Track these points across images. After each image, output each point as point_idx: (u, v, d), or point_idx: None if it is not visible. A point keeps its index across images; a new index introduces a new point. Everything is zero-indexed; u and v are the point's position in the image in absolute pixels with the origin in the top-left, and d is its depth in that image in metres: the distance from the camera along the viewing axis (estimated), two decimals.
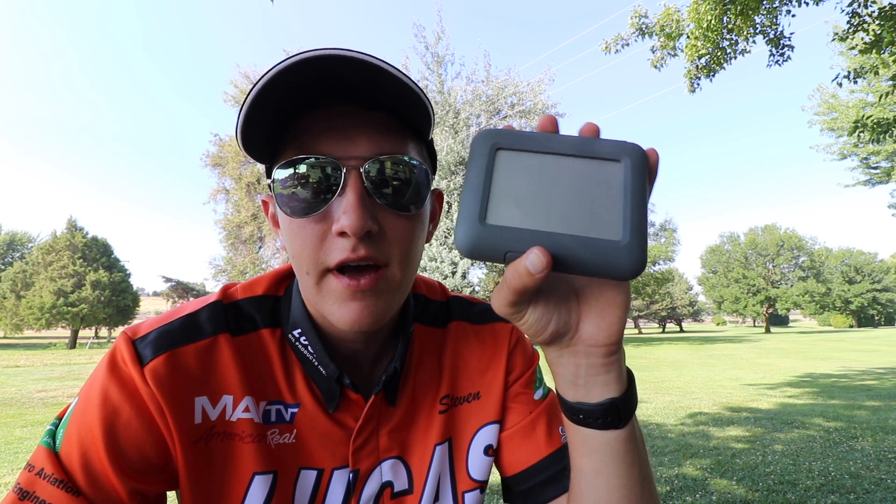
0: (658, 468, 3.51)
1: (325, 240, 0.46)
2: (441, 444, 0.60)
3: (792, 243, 47.03)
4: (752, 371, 10.67)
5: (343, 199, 0.45)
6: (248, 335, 0.54)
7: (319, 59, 0.41)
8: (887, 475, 3.27)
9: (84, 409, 0.47)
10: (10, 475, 3.67)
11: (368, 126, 0.47)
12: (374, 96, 0.46)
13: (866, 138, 6.54)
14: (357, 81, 0.44)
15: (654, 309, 55.53)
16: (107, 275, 25.71)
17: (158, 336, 0.49)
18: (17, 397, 7.34)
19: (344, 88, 0.45)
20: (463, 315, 0.66)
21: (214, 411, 0.50)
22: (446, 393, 0.61)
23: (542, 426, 0.62)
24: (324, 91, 0.45)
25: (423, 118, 0.49)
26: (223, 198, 32.26)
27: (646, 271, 21.62)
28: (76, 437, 0.46)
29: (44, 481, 0.44)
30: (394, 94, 0.45)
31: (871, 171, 20.28)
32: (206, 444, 0.49)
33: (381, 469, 0.56)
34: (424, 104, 0.47)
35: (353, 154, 0.46)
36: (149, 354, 0.48)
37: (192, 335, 0.51)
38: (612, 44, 6.82)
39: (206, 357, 0.51)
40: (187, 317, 0.52)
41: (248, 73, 28.23)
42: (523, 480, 0.61)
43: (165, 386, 0.47)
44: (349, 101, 0.47)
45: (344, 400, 0.55)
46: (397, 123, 0.49)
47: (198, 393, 0.49)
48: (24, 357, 15.92)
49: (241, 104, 0.44)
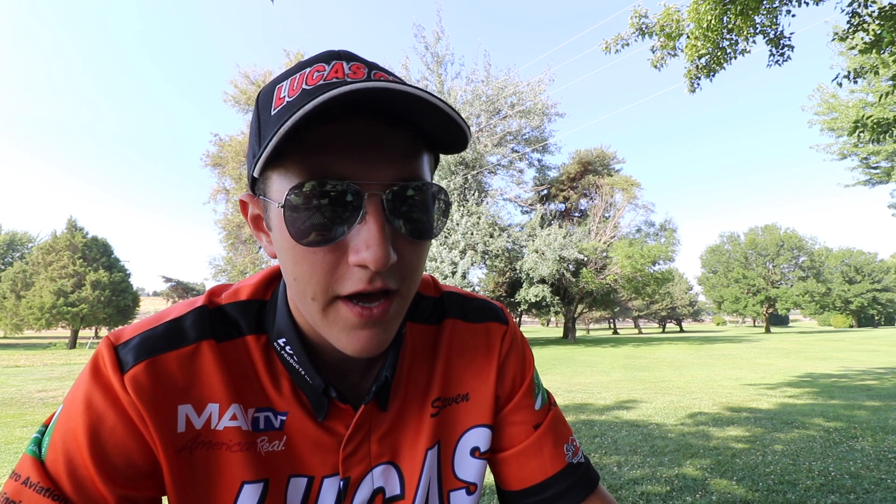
0: (658, 468, 3.51)
1: (338, 268, 0.42)
2: (431, 448, 0.59)
3: (792, 243, 47.02)
4: (752, 371, 10.67)
5: (364, 228, 0.41)
6: (232, 341, 0.52)
7: (362, 91, 0.37)
8: (887, 475, 3.27)
9: (68, 416, 0.46)
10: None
11: (391, 146, 0.42)
12: (399, 111, 0.41)
13: (866, 138, 6.54)
14: (378, 98, 0.39)
15: (654, 309, 55.51)
16: (107, 275, 25.72)
17: (140, 342, 0.48)
18: (17, 397, 7.34)
19: (366, 101, 0.39)
20: (457, 312, 0.64)
21: (199, 420, 0.49)
22: (438, 395, 0.60)
23: (548, 445, 0.62)
24: (344, 103, 0.39)
25: (458, 142, 0.45)
26: (223, 198, 32.28)
27: (646, 271, 21.50)
28: (61, 445, 0.45)
29: (30, 490, 0.43)
30: (419, 108, 0.40)
31: (871, 171, 20.29)
32: (191, 454, 0.48)
33: (373, 475, 0.56)
34: (463, 130, 0.43)
35: (374, 179, 0.41)
36: (130, 361, 0.47)
37: (174, 341, 0.49)
38: (612, 44, 6.82)
39: (190, 364, 0.49)
40: (171, 322, 0.51)
41: (248, 73, 28.23)
42: (525, 497, 0.61)
43: (146, 394, 0.46)
44: (370, 114, 0.41)
45: (333, 408, 0.54)
46: (417, 142, 0.45)
47: (181, 401, 0.48)
48: (24, 357, 15.91)
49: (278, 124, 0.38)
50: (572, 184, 30.83)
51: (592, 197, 30.12)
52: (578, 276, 25.06)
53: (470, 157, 23.20)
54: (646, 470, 3.49)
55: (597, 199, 28.99)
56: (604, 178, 29.41)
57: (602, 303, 30.82)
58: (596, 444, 4.22)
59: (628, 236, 28.27)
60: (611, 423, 5.05)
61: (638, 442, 4.25)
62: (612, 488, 3.15)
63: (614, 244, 25.85)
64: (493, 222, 22.67)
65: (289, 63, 28.42)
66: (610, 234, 26.58)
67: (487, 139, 23.90)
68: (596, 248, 25.00)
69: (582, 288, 25.74)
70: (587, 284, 25.14)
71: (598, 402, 6.55)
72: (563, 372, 11.16)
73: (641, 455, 3.85)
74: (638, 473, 3.42)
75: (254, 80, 28.02)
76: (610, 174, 30.75)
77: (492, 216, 22.64)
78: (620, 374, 10.59)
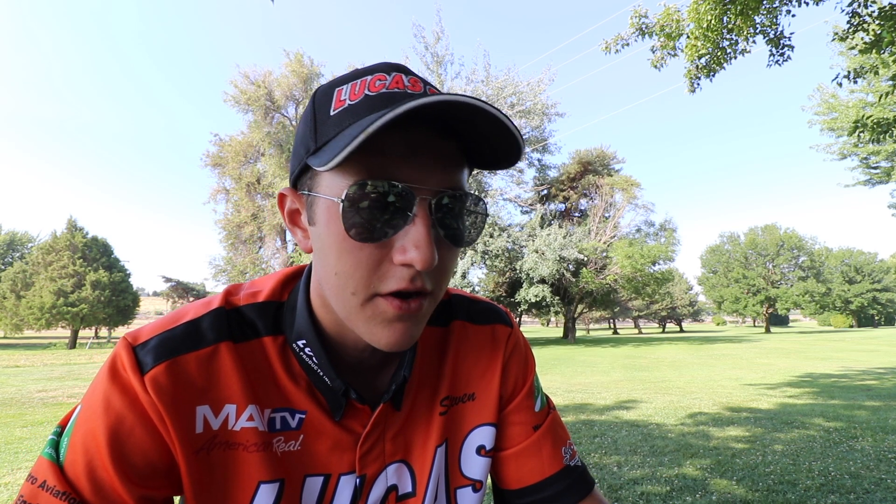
0: (658, 468, 3.51)
1: (382, 265, 0.44)
2: (440, 445, 0.60)
3: (792, 243, 47.02)
4: (752, 371, 10.68)
5: (412, 229, 0.43)
6: (249, 342, 0.53)
7: (432, 105, 0.40)
8: (887, 475, 3.27)
9: (87, 418, 0.47)
10: (10, 475, 3.67)
11: (443, 156, 0.46)
12: (451, 125, 0.45)
13: (866, 138, 6.54)
14: (442, 111, 0.42)
15: (654, 309, 55.48)
16: (107, 275, 25.70)
17: (159, 343, 0.49)
18: (17, 397, 7.34)
19: (426, 113, 0.42)
20: (464, 314, 0.66)
21: (216, 420, 0.50)
22: (446, 395, 0.62)
23: (547, 446, 0.65)
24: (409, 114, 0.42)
25: (510, 158, 0.47)
26: (223, 198, 32.29)
27: (646, 271, 21.48)
28: (80, 447, 0.46)
29: (47, 494, 0.44)
30: (470, 123, 0.43)
31: (871, 171, 20.28)
32: (208, 454, 0.49)
33: (387, 473, 0.57)
34: (518, 143, 0.45)
35: (426, 185, 0.44)
36: (149, 362, 0.48)
37: (193, 343, 0.50)
38: (612, 44, 6.82)
39: (208, 366, 0.50)
40: (189, 324, 0.51)
41: (248, 73, 28.22)
42: (523, 496, 0.64)
43: (166, 395, 0.47)
44: (427, 125, 0.45)
45: (350, 408, 0.55)
46: (462, 155, 0.48)
47: (199, 402, 0.49)
48: (24, 357, 15.91)
49: (340, 124, 0.44)
50: (572, 184, 30.83)
51: (592, 197, 30.12)
52: (578, 276, 25.06)
53: None
54: (646, 470, 3.49)
55: (597, 199, 28.98)
56: (604, 178, 29.40)
57: (602, 303, 30.81)
58: (596, 444, 4.22)
59: (628, 236, 28.26)
60: (611, 423, 5.05)
61: (638, 442, 4.25)
62: (612, 488, 3.15)
63: (614, 244, 25.85)
64: (492, 222, 22.67)
65: (289, 63, 28.43)
66: (610, 234, 26.58)
67: None
68: (596, 248, 25.00)
69: (582, 288, 25.74)
70: (587, 284, 25.14)
71: (598, 402, 6.55)
72: (563, 372, 11.16)
73: (641, 455, 3.85)
74: (638, 473, 3.42)
75: (254, 80, 28.00)
76: (610, 174, 30.74)
77: (492, 216, 22.64)
78: (620, 374, 10.59)
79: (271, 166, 28.22)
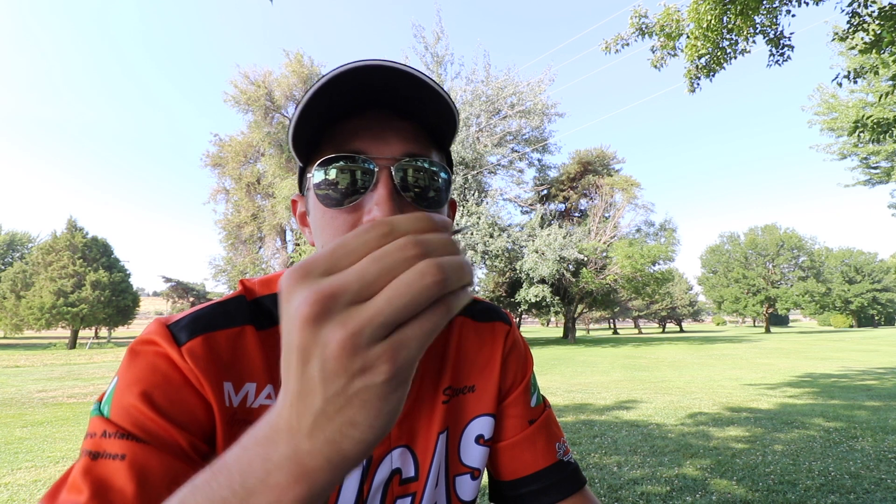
0: (658, 468, 3.51)
1: (355, 227, 0.47)
2: (442, 432, 0.63)
3: (792, 243, 47.01)
4: (752, 371, 10.67)
5: (375, 193, 0.49)
6: (269, 329, 0.56)
7: (362, 69, 0.46)
8: (887, 475, 3.27)
9: (129, 382, 0.47)
10: (10, 475, 3.67)
11: (400, 130, 0.52)
12: (406, 106, 0.51)
13: (866, 138, 6.54)
14: (392, 90, 0.49)
15: (654, 309, 55.51)
16: (107, 275, 25.70)
17: (193, 320, 0.52)
18: (17, 397, 7.34)
19: (379, 97, 0.50)
20: (467, 312, 0.70)
21: (237, 398, 0.52)
22: (448, 384, 0.65)
23: (542, 440, 0.68)
24: (363, 100, 0.50)
25: (449, 126, 0.54)
26: (223, 198, 32.33)
27: (646, 271, 21.39)
28: (129, 398, 0.46)
29: (109, 440, 0.45)
30: (424, 103, 0.50)
31: (871, 171, 20.28)
32: (230, 429, 0.51)
33: (392, 457, 0.59)
34: (453, 113, 0.52)
35: (385, 154, 0.50)
36: (184, 337, 0.50)
37: (224, 322, 0.53)
38: (612, 44, 6.82)
39: (236, 344, 0.53)
40: (218, 304, 0.55)
41: (248, 73, 28.20)
42: (517, 487, 0.67)
43: (202, 365, 0.49)
44: (384, 108, 0.51)
45: None
46: (425, 132, 0.54)
47: (226, 377, 0.51)
48: (24, 357, 15.91)
49: (294, 112, 0.49)
50: (572, 184, 30.83)
51: (592, 197, 30.12)
52: (578, 276, 25.05)
53: (470, 157, 23.18)
54: (646, 470, 3.49)
55: (597, 199, 28.98)
56: (604, 178, 29.40)
57: (602, 303, 30.79)
58: (596, 444, 4.21)
59: (628, 236, 28.23)
60: (611, 423, 5.05)
61: (638, 442, 4.25)
62: (613, 488, 3.15)
63: (614, 244, 25.83)
64: (492, 222, 22.63)
65: (289, 63, 28.41)
66: (610, 234, 26.56)
67: (487, 139, 23.87)
68: (596, 248, 24.99)
69: (582, 288, 25.73)
70: (587, 284, 25.12)
71: (598, 402, 6.55)
72: (563, 372, 11.16)
73: (641, 455, 3.85)
74: (638, 473, 3.42)
75: (254, 80, 27.97)
76: (610, 174, 30.74)
77: (492, 216, 22.60)
78: (620, 374, 10.59)
79: (271, 166, 28.22)
